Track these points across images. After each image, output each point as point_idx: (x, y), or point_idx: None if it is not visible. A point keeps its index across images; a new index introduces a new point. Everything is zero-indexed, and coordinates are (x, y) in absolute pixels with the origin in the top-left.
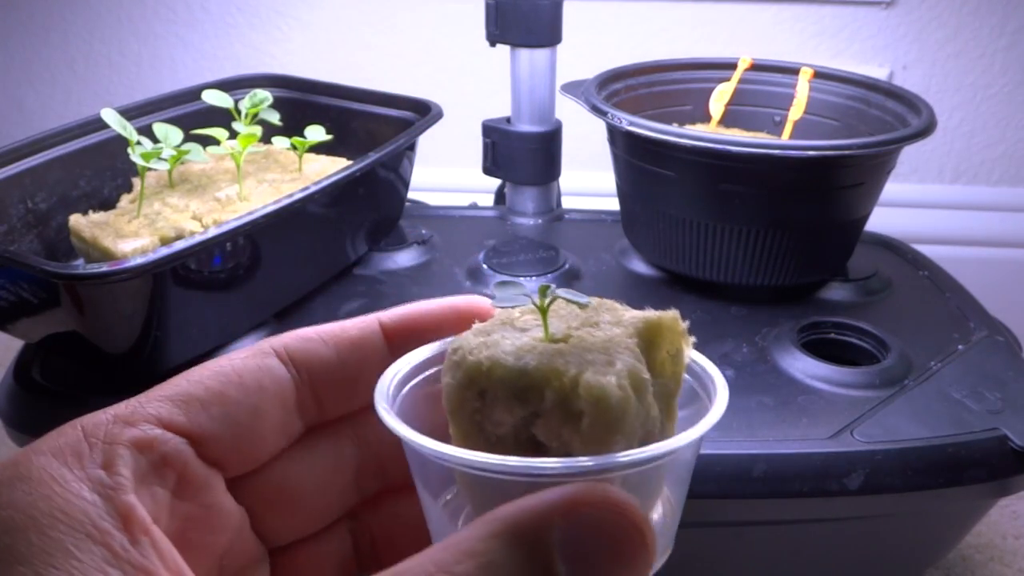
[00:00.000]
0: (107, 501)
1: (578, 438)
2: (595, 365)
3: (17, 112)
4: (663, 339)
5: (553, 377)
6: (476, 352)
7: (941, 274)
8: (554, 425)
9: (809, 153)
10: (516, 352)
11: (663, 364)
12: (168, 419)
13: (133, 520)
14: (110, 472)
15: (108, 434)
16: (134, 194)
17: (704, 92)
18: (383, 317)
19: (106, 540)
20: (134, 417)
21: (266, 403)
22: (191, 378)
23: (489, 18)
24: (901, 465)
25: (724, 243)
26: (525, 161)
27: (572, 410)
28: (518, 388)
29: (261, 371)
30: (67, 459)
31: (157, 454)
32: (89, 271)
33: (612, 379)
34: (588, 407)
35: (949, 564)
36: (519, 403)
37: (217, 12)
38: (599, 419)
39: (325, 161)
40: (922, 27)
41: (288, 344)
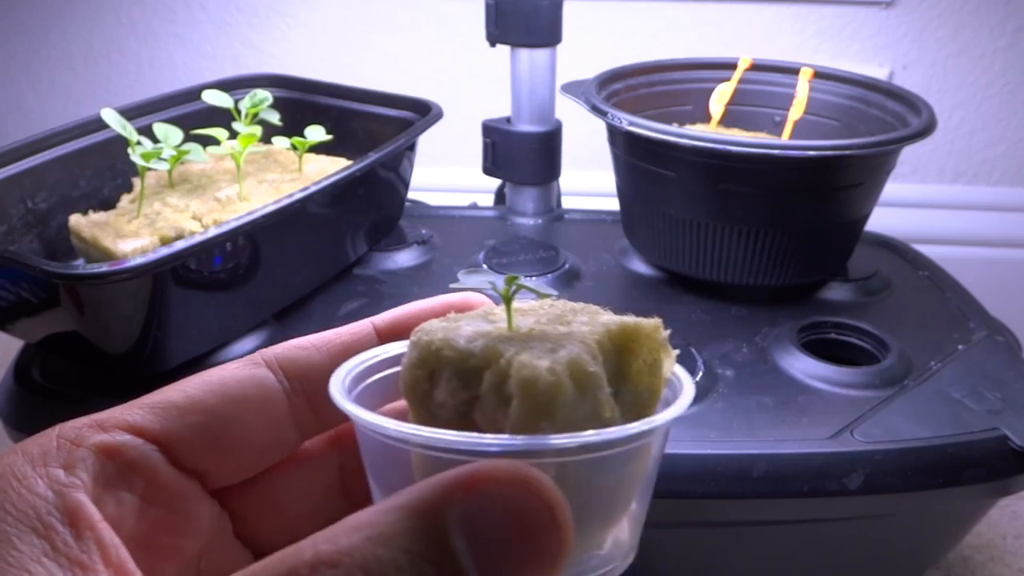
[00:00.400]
0: (58, 497)
1: (508, 423)
2: (535, 350)
3: (17, 112)
4: (640, 346)
5: (493, 359)
6: (432, 334)
7: (941, 274)
8: (489, 409)
9: (809, 153)
10: (470, 336)
11: (639, 373)
12: (140, 425)
13: (80, 517)
14: (69, 471)
15: (78, 437)
16: (134, 194)
17: (704, 92)
18: (376, 320)
19: (49, 534)
20: (108, 423)
21: (249, 413)
22: (177, 386)
23: (489, 18)
24: (901, 465)
25: (724, 243)
26: (525, 161)
27: (505, 394)
28: (463, 370)
29: (247, 381)
30: (33, 458)
31: (124, 459)
32: (89, 271)
33: (545, 362)
34: (516, 389)
35: (949, 564)
36: (462, 386)
37: (217, 12)
38: (526, 402)
39: (325, 161)
40: (922, 27)
41: (279, 354)
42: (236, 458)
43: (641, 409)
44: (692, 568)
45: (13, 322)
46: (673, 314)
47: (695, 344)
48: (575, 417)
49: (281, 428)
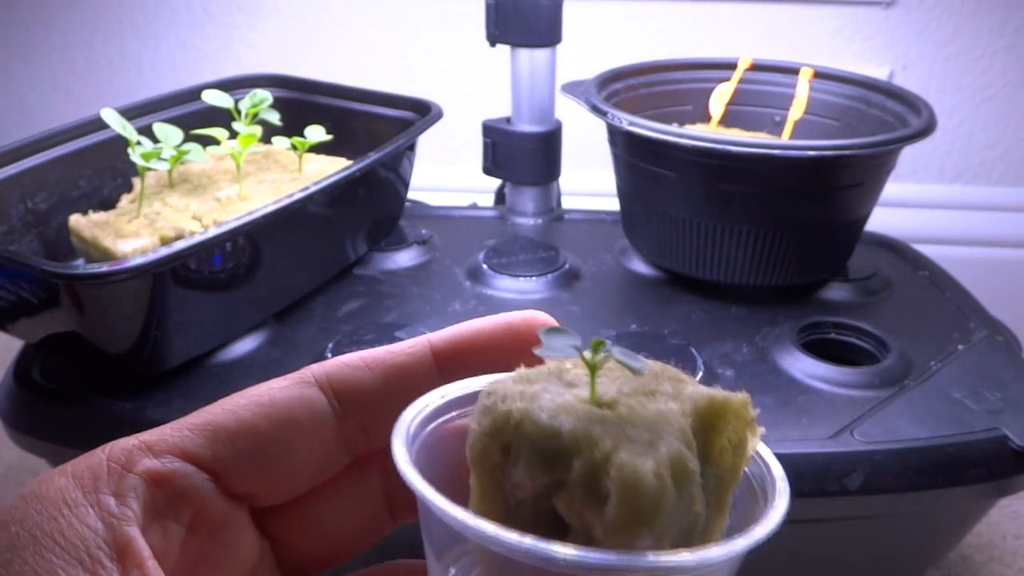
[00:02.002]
0: (108, 529)
1: (600, 523)
2: (635, 443)
3: (17, 112)
4: (726, 424)
5: (585, 446)
6: (509, 401)
7: (941, 274)
8: (576, 502)
9: (809, 153)
10: (552, 410)
11: (721, 453)
12: (192, 451)
13: (129, 552)
14: (120, 501)
15: (129, 461)
16: (134, 194)
17: (704, 92)
18: (434, 339)
19: (95, 568)
20: (158, 447)
21: (299, 437)
22: (226, 406)
23: (489, 18)
24: (901, 465)
25: (724, 243)
26: (525, 161)
27: (599, 490)
28: (546, 451)
29: (297, 402)
30: (84, 483)
31: (174, 488)
32: (89, 271)
33: (650, 464)
34: (617, 490)
35: (949, 564)
36: (544, 468)
37: (217, 12)
38: (627, 507)
39: (325, 161)
40: (922, 27)
41: (331, 372)
42: (284, 483)
43: (721, 493)
44: None
45: (13, 322)
46: (673, 314)
47: (695, 344)
48: (672, 518)
49: (330, 451)
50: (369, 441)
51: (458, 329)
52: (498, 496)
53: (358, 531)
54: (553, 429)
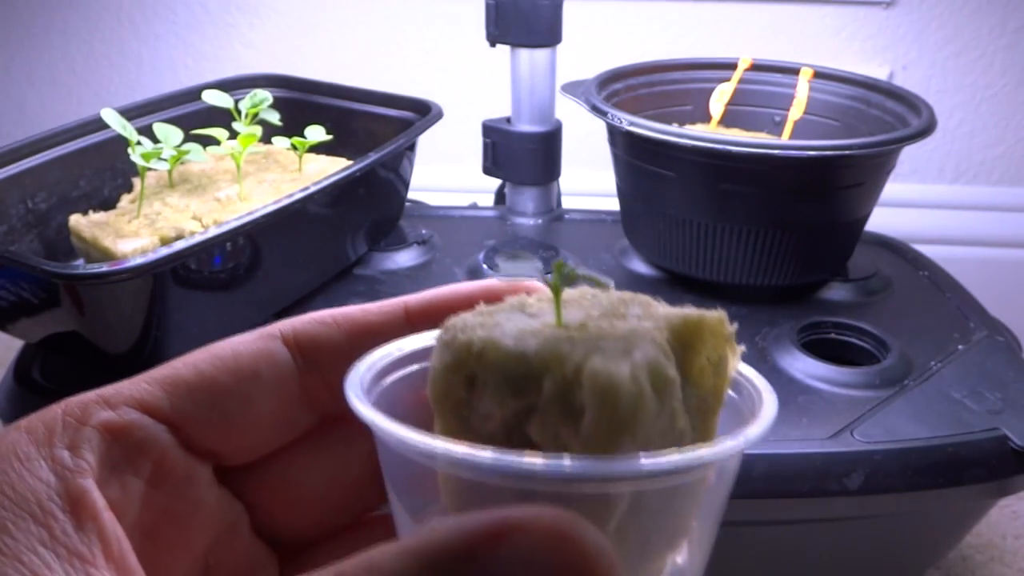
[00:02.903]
0: (61, 482)
1: (577, 439)
2: (607, 352)
3: (17, 112)
4: (703, 343)
5: (554, 364)
6: (469, 331)
7: (941, 274)
8: (551, 422)
9: (809, 153)
10: (517, 334)
11: (701, 373)
12: (149, 403)
13: (83, 504)
14: (74, 453)
15: (84, 414)
16: (134, 194)
17: (704, 92)
18: (409, 301)
19: (48, 522)
20: (115, 399)
21: (260, 391)
22: (187, 360)
23: (489, 18)
24: (901, 465)
25: (724, 243)
26: (525, 161)
27: (573, 404)
28: (513, 376)
29: (260, 356)
30: (37, 436)
31: (132, 440)
32: (89, 271)
33: (625, 368)
34: (591, 400)
35: (949, 564)
36: (513, 394)
37: (217, 12)
38: (604, 415)
39: (325, 161)
40: (922, 27)
41: (298, 328)
42: (245, 438)
43: (705, 415)
44: None
45: (13, 322)
46: None
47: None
48: (654, 431)
49: (293, 407)
50: (336, 400)
51: (437, 292)
52: (466, 433)
53: (342, 501)
54: (519, 352)
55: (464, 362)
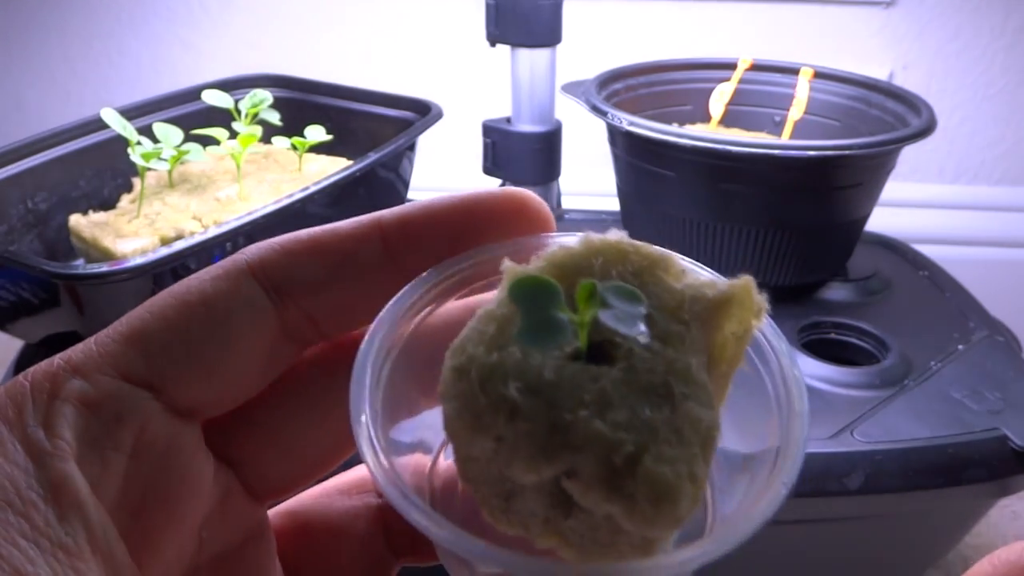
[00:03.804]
0: (40, 468)
1: (627, 522)
2: (657, 438)
3: (17, 112)
4: (729, 319)
5: (599, 445)
6: (490, 388)
7: (941, 274)
8: (595, 497)
9: (809, 153)
10: (544, 392)
11: (723, 346)
12: (125, 366)
13: (65, 492)
14: (50, 433)
15: (55, 386)
16: (134, 194)
17: (704, 92)
18: (385, 220)
19: (28, 511)
20: (87, 365)
21: (237, 334)
22: (152, 308)
23: (489, 18)
24: (901, 465)
25: (724, 243)
26: (525, 161)
27: (622, 489)
28: (548, 445)
29: (231, 296)
30: (8, 415)
31: (110, 411)
32: (89, 271)
33: (682, 469)
34: (645, 499)
35: (949, 564)
36: (547, 462)
37: (217, 12)
38: (658, 516)
39: (325, 161)
40: (922, 27)
41: (266, 260)
42: (229, 386)
43: (722, 379)
44: None
45: (13, 322)
46: None
47: None
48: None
49: (274, 344)
50: (319, 330)
51: (413, 208)
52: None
53: (326, 445)
54: (556, 423)
55: (491, 426)
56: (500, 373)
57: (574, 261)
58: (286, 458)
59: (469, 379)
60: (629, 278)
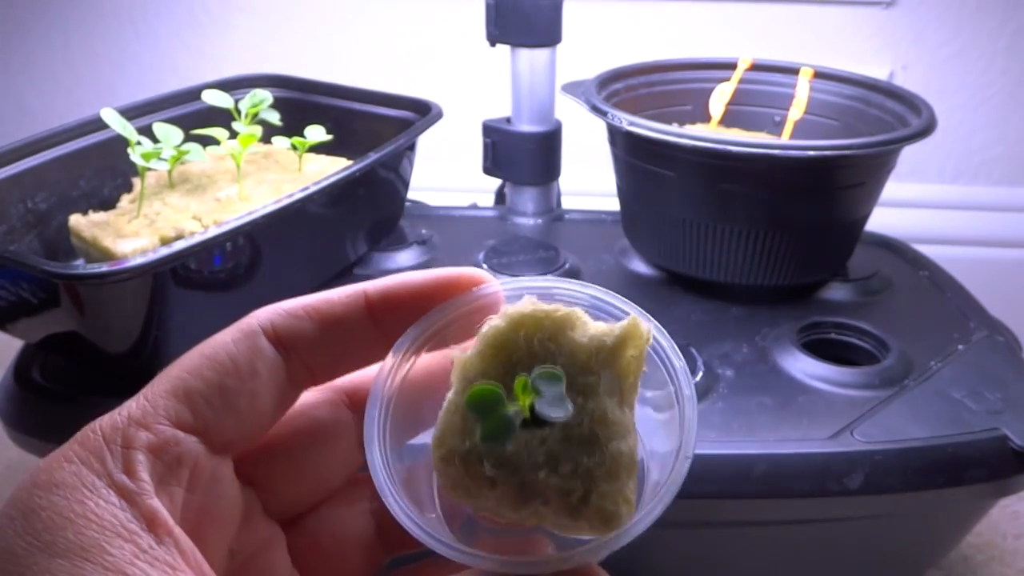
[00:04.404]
0: (132, 506)
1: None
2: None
3: (17, 112)
4: (628, 348)
5: (557, 496)
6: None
7: (941, 274)
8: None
9: (809, 153)
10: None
11: (627, 365)
12: (177, 418)
13: (157, 522)
14: (132, 477)
15: (125, 438)
16: (134, 194)
17: (704, 92)
18: (369, 290)
19: (134, 539)
20: (147, 419)
21: (261, 385)
22: (188, 369)
23: (489, 18)
24: (901, 465)
25: (724, 243)
26: (525, 161)
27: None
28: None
29: (253, 355)
30: (93, 466)
31: (172, 455)
32: (89, 271)
33: (618, 500)
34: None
35: (949, 564)
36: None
37: (217, 12)
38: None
39: (325, 161)
40: (922, 27)
41: (276, 323)
42: (254, 427)
43: (629, 392)
44: (692, 568)
45: (13, 322)
46: (673, 314)
47: (695, 344)
48: None
49: (284, 391)
50: (314, 377)
51: (392, 281)
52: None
53: (335, 468)
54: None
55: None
56: (475, 457)
57: (504, 337)
58: (297, 482)
59: (454, 465)
60: (546, 343)
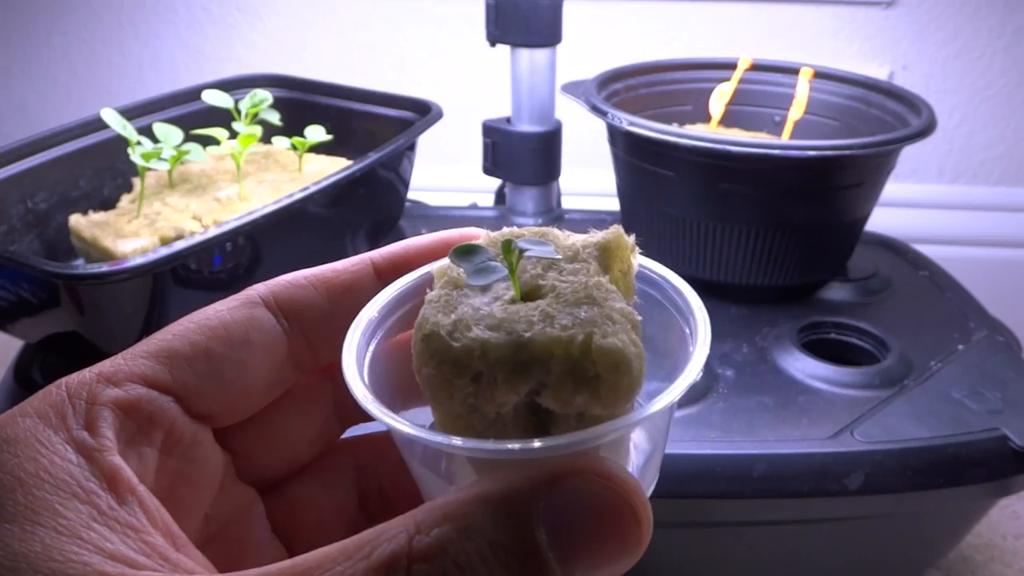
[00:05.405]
0: (91, 463)
1: (598, 402)
2: (597, 324)
3: (17, 112)
4: (615, 259)
5: (557, 347)
6: (458, 335)
7: (941, 274)
8: (566, 392)
9: (809, 153)
10: (502, 325)
11: (616, 282)
12: (152, 377)
13: (119, 481)
14: (93, 434)
15: (91, 394)
16: (134, 194)
17: (704, 92)
18: (375, 256)
19: (92, 499)
20: (118, 376)
21: (253, 357)
22: (175, 332)
23: (489, 18)
24: (901, 465)
25: (724, 243)
26: (525, 161)
27: (586, 376)
28: (518, 363)
29: (248, 323)
30: (51, 420)
31: (143, 414)
32: (89, 271)
33: (625, 338)
34: (608, 372)
35: (949, 564)
36: (521, 378)
37: (217, 12)
38: (621, 382)
39: (325, 161)
40: (922, 27)
41: (277, 292)
42: (242, 402)
43: None
44: (692, 568)
45: (13, 322)
46: None
47: None
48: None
49: (282, 368)
50: (316, 357)
51: (398, 245)
52: (473, 415)
53: (312, 439)
54: (517, 343)
55: (467, 365)
56: (463, 324)
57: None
58: (276, 453)
59: (439, 337)
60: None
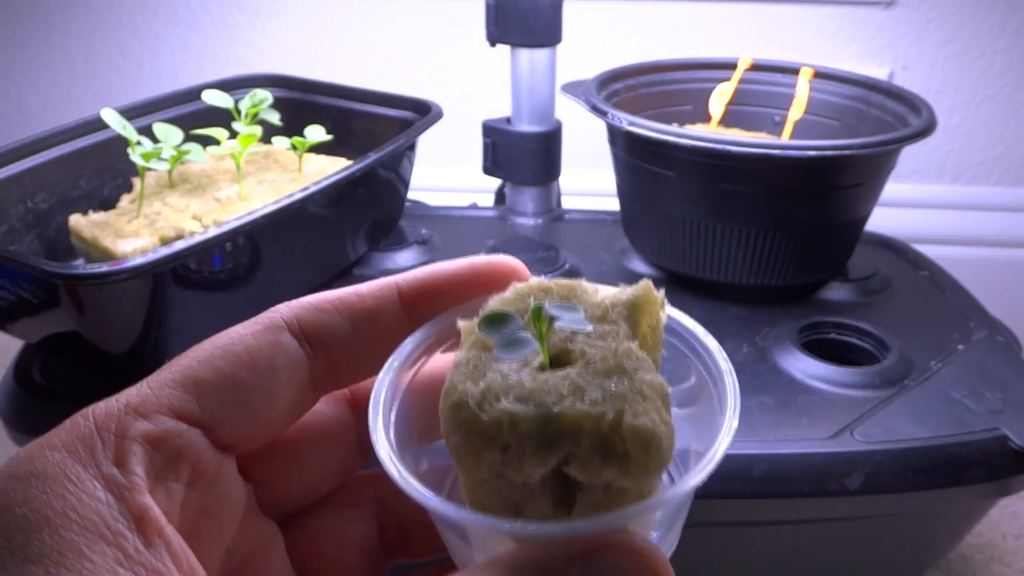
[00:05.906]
0: (120, 502)
1: (627, 478)
2: (628, 400)
3: (17, 112)
4: (643, 315)
5: (586, 422)
6: (487, 406)
7: (941, 274)
8: (594, 467)
9: (809, 153)
10: (531, 396)
11: (644, 338)
12: (180, 409)
13: (147, 521)
14: (124, 470)
15: (120, 427)
16: (134, 194)
17: (704, 92)
18: (401, 282)
19: (119, 542)
20: (146, 407)
21: (278, 383)
22: (200, 358)
23: (489, 18)
24: (901, 465)
25: (724, 243)
26: (525, 161)
27: (615, 451)
28: (547, 436)
29: (273, 349)
30: (80, 455)
31: (172, 448)
32: (89, 271)
33: (656, 417)
34: (635, 450)
35: (949, 564)
36: (550, 451)
37: (217, 12)
38: (650, 460)
39: (325, 161)
40: (922, 27)
41: (301, 317)
42: (266, 427)
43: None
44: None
45: (13, 322)
46: None
47: None
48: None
49: (304, 392)
50: (338, 380)
51: (424, 272)
52: (499, 481)
53: (334, 469)
54: (546, 417)
55: (496, 437)
56: (492, 393)
57: (511, 304)
58: (294, 479)
59: (468, 407)
60: (559, 302)
